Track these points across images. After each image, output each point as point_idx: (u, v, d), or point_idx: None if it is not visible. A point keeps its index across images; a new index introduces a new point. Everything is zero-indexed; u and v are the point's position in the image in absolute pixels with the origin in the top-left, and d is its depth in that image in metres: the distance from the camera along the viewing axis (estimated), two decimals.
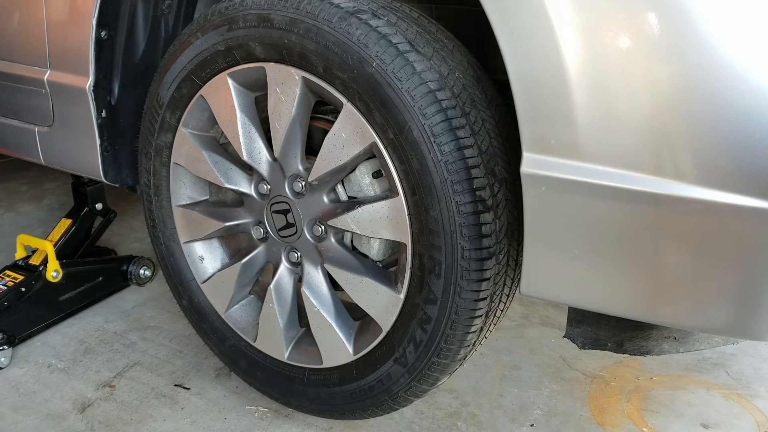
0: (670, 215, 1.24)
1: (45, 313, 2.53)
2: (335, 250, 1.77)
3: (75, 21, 2.10)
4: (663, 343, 1.53)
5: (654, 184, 1.24)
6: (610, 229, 1.31)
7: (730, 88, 1.16)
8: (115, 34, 2.10)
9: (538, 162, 1.33)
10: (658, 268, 1.30)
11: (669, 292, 1.31)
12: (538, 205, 1.36)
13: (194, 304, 2.12)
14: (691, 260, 1.26)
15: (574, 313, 1.57)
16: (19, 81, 2.35)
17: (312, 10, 1.54)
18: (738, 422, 2.11)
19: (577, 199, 1.31)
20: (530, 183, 1.35)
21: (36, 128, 2.37)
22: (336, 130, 1.61)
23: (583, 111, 1.26)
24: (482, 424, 2.06)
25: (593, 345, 1.56)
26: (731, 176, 1.19)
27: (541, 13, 1.26)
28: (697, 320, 1.31)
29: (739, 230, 1.21)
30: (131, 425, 2.03)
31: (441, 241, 1.51)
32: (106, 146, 2.21)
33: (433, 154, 1.45)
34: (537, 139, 1.32)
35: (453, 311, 1.56)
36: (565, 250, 1.37)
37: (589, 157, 1.28)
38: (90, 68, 2.10)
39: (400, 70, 1.46)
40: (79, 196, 2.80)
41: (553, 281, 1.42)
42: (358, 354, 1.78)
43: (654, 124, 1.21)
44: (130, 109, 2.22)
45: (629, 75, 1.22)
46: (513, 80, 1.32)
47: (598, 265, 1.35)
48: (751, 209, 1.18)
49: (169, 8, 2.14)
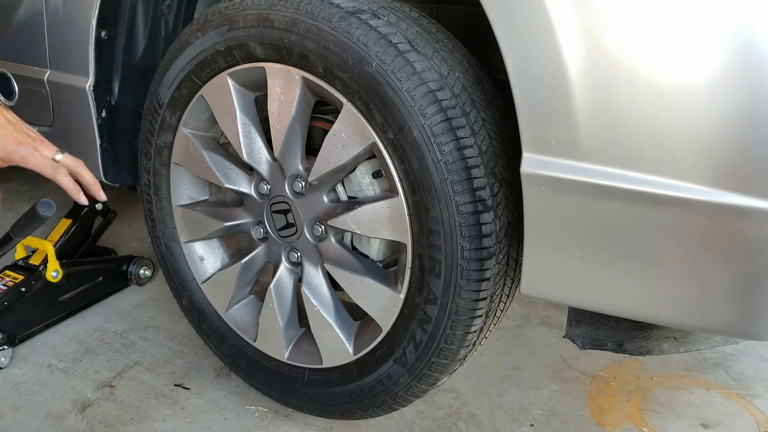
0: (669, 215, 1.24)
1: (45, 313, 2.52)
2: (335, 250, 1.77)
3: (75, 21, 2.10)
4: (663, 343, 1.53)
5: (653, 184, 1.24)
6: (609, 229, 1.31)
7: (731, 88, 1.16)
8: (115, 34, 2.10)
9: (538, 162, 1.33)
10: (657, 268, 1.30)
11: (668, 292, 1.30)
12: (538, 205, 1.36)
13: (194, 304, 2.12)
14: (690, 260, 1.26)
15: (574, 313, 1.57)
16: (18, 81, 2.35)
17: (312, 10, 1.54)
18: (738, 422, 2.11)
19: (576, 199, 1.31)
20: (530, 183, 1.35)
21: (35, 128, 2.34)
22: (336, 130, 1.61)
23: (582, 111, 1.26)
24: (482, 424, 2.06)
25: (593, 345, 1.56)
26: (731, 176, 1.18)
27: (542, 13, 1.26)
28: (697, 320, 1.31)
29: (738, 230, 1.21)
30: (131, 425, 2.03)
31: (441, 241, 1.51)
32: (106, 146, 2.21)
33: (433, 154, 1.45)
34: (537, 138, 1.32)
35: (453, 311, 1.56)
36: (565, 250, 1.37)
37: (588, 156, 1.28)
38: (90, 68, 2.10)
39: (400, 70, 1.46)
40: None
41: (553, 281, 1.42)
42: (358, 354, 1.78)
43: (653, 124, 1.21)
44: (130, 109, 2.22)
45: (629, 75, 1.22)
46: (513, 80, 1.32)
47: (598, 265, 1.35)
48: (751, 209, 1.18)
49: (169, 8, 2.14)
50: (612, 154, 1.26)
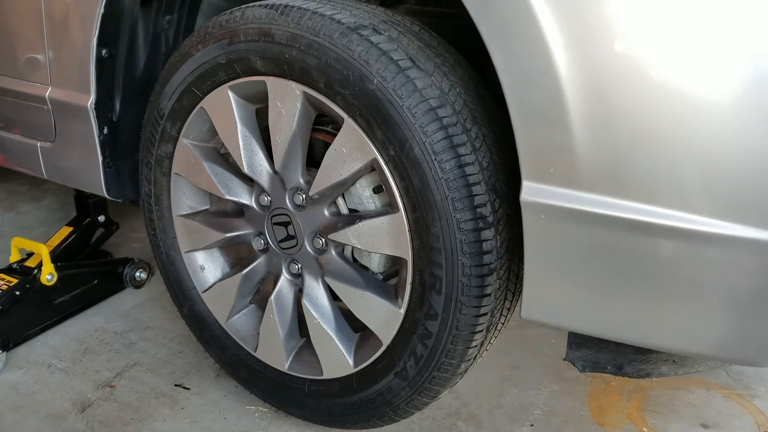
0: (665, 244, 1.26)
1: (40, 316, 2.51)
2: (336, 263, 1.77)
3: (76, 40, 2.10)
4: (662, 366, 1.55)
5: (649, 214, 1.25)
6: (607, 257, 1.32)
7: (728, 119, 1.17)
8: (115, 52, 2.10)
9: (537, 190, 1.34)
10: (654, 296, 1.31)
11: (665, 319, 1.32)
12: (538, 233, 1.37)
13: (195, 312, 2.12)
14: (685, 288, 1.28)
15: (575, 337, 1.58)
16: (21, 97, 2.35)
17: (313, 26, 1.53)
18: (738, 422, 2.12)
19: (575, 227, 1.33)
20: (530, 211, 1.36)
21: (38, 143, 2.37)
22: (337, 145, 1.60)
23: (581, 142, 1.27)
24: (482, 424, 2.07)
25: (593, 368, 1.57)
26: (727, 206, 1.20)
27: (540, 46, 1.26)
28: (694, 346, 1.33)
29: (732, 259, 1.22)
30: (131, 425, 2.05)
31: (442, 257, 1.51)
32: (108, 162, 2.21)
33: (434, 171, 1.45)
34: (536, 168, 1.33)
35: (454, 327, 1.56)
36: (564, 276, 1.38)
37: (587, 186, 1.29)
38: (91, 87, 2.10)
39: (401, 87, 1.45)
40: (82, 207, 2.81)
41: (553, 306, 1.43)
42: (358, 366, 1.78)
43: (650, 156, 1.23)
44: (131, 124, 2.21)
45: (627, 109, 1.23)
46: (512, 112, 1.33)
47: (596, 291, 1.36)
48: (747, 239, 1.19)
49: (169, 24, 2.14)
50: (610, 184, 1.27)
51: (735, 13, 1.15)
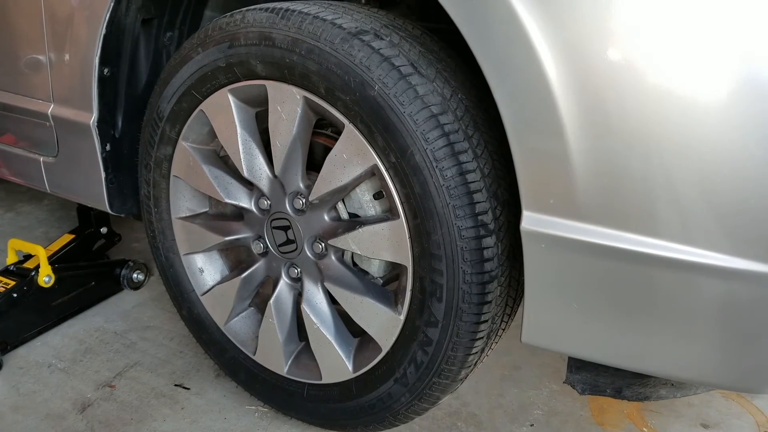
0: (663, 275, 1.28)
1: (37, 318, 2.50)
2: (335, 268, 1.76)
3: (78, 59, 2.10)
4: (660, 389, 1.57)
5: (648, 245, 1.27)
6: (606, 286, 1.34)
7: (727, 151, 1.19)
8: (117, 70, 2.10)
9: (537, 220, 1.36)
10: (653, 324, 1.33)
11: (664, 347, 1.34)
12: (538, 261, 1.39)
13: (194, 315, 2.12)
14: (684, 318, 1.29)
15: (574, 361, 1.59)
16: (24, 113, 2.35)
17: (314, 31, 1.52)
18: (738, 422, 2.12)
19: (575, 257, 1.34)
20: (530, 240, 1.38)
21: (41, 158, 2.37)
22: (337, 150, 1.59)
23: (581, 174, 1.28)
24: (482, 424, 2.07)
25: (592, 391, 1.58)
26: (726, 239, 1.21)
27: (540, 78, 1.27)
28: (692, 374, 1.35)
29: (731, 291, 1.24)
30: (131, 425, 2.04)
31: (442, 265, 1.50)
32: (110, 178, 2.21)
33: (435, 179, 1.45)
34: (536, 198, 1.35)
35: (454, 334, 1.56)
36: (564, 304, 1.40)
37: (586, 217, 1.31)
38: (93, 105, 2.10)
39: (403, 93, 1.44)
40: (85, 218, 2.82)
41: (553, 332, 1.45)
42: (357, 372, 1.78)
43: (648, 188, 1.24)
44: (133, 140, 2.21)
45: (626, 142, 1.24)
46: (512, 143, 1.34)
47: (595, 318, 1.38)
48: (745, 272, 1.21)
49: (170, 40, 2.15)
50: (609, 216, 1.29)
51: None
